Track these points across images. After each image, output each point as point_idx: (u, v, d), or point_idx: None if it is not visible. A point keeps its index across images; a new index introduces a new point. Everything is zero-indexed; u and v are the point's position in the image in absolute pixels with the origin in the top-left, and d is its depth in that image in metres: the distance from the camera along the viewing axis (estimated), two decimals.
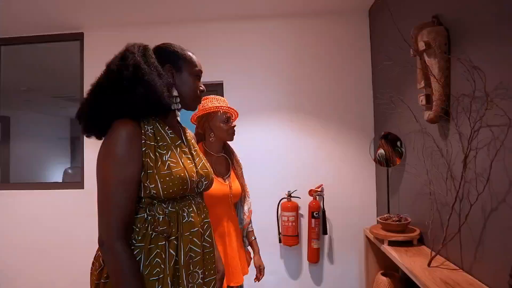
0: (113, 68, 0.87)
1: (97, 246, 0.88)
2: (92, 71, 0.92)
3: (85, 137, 2.67)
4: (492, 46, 1.14)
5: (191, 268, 0.90)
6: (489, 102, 1.10)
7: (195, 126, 1.58)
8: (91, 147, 2.67)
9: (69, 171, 4.64)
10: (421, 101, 1.53)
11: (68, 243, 2.66)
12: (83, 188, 2.71)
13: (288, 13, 2.57)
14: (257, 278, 1.57)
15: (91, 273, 0.91)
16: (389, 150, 1.99)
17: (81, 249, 2.60)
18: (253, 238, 1.60)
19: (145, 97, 0.85)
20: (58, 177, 4.70)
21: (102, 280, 0.85)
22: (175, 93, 0.97)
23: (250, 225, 1.60)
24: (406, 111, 1.77)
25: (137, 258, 0.83)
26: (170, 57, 0.99)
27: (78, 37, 2.75)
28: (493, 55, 1.13)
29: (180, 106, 1.00)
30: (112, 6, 2.38)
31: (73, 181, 2.92)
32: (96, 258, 0.92)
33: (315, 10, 2.53)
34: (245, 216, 1.54)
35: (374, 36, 2.48)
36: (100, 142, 0.89)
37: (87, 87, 0.91)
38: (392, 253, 1.61)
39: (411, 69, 1.67)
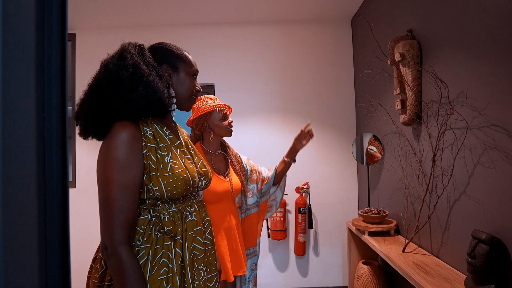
0: (112, 68, 0.84)
1: (89, 245, 0.86)
2: (84, 72, 0.89)
3: (77, 136, 2.73)
4: (455, 60, 1.32)
5: (196, 266, 0.91)
6: (452, 108, 1.29)
7: (191, 128, 1.62)
8: (83, 146, 2.71)
9: None
10: (397, 105, 1.71)
11: None
12: (75, 187, 2.74)
13: (277, 20, 2.72)
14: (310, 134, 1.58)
15: (90, 276, 0.90)
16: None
17: (73, 248, 2.64)
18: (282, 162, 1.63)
19: (145, 97, 0.84)
20: None
21: (106, 283, 0.84)
22: (172, 93, 0.96)
23: (272, 171, 1.65)
24: (384, 114, 1.96)
25: (143, 259, 0.83)
26: (167, 57, 0.97)
27: (70, 38, 2.78)
28: (455, 68, 1.32)
29: (175, 106, 0.99)
30: (104, 8, 2.44)
31: None
32: (96, 260, 0.90)
33: (302, 18, 2.70)
34: (264, 175, 1.64)
35: (356, 44, 2.67)
36: (95, 142, 0.88)
37: (78, 88, 0.89)
38: (372, 242, 1.79)
39: (388, 77, 1.85)
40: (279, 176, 1.65)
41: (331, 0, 2.40)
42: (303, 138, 1.58)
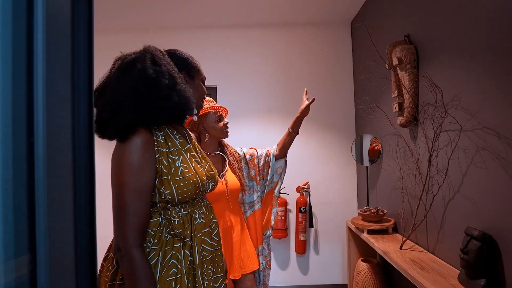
0: (152, 74, 0.83)
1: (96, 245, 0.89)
2: None
3: None
4: (449, 65, 1.38)
5: (205, 266, 0.93)
6: (446, 111, 1.34)
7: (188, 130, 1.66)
8: None
9: None
10: (395, 108, 1.77)
11: None
12: None
13: (278, 23, 2.78)
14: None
15: (102, 274, 0.93)
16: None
17: None
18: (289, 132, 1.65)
19: (178, 105, 0.87)
20: None
21: (117, 282, 0.87)
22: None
23: (273, 148, 1.69)
24: (382, 116, 2.02)
25: (154, 261, 0.85)
26: (184, 65, 1.00)
27: None
28: (450, 72, 1.38)
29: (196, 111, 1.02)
30: (106, 11, 2.49)
31: None
32: (107, 259, 0.93)
33: (303, 21, 2.76)
34: (264, 151, 1.67)
35: (355, 47, 2.73)
36: (98, 142, 0.91)
37: None
38: (371, 240, 1.85)
39: (386, 80, 1.91)
40: (283, 151, 1.68)
41: (331, 4, 2.46)
42: (308, 106, 1.63)
